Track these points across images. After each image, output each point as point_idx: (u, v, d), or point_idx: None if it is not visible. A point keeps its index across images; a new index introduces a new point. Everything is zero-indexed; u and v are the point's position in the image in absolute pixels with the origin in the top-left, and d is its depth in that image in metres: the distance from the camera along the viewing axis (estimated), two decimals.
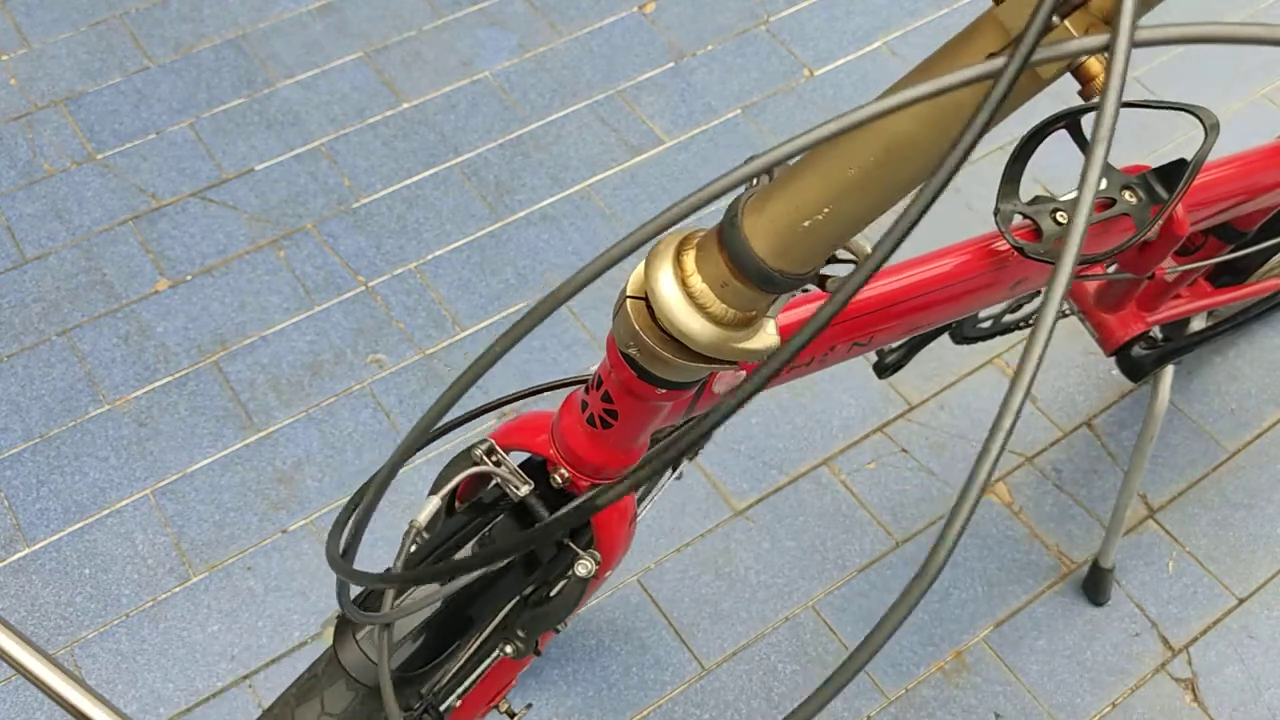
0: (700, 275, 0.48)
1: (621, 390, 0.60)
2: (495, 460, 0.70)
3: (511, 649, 0.78)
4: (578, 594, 0.74)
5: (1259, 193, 1.02)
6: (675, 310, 0.49)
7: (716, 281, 0.48)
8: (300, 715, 0.67)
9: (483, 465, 0.70)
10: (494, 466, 0.70)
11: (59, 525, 1.39)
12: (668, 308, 0.49)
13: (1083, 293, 1.20)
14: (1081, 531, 1.47)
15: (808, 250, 0.45)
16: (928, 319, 0.76)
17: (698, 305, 0.48)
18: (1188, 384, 1.60)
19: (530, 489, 0.70)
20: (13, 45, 1.82)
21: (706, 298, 0.48)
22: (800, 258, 0.46)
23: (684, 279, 0.49)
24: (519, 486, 0.69)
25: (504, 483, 0.70)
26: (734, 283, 0.47)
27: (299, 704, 0.68)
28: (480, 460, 0.70)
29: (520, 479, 0.70)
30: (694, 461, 1.47)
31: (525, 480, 0.70)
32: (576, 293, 0.38)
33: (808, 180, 0.44)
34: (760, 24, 1.96)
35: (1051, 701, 1.35)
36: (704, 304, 0.48)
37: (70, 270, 1.60)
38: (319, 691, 0.68)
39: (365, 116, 1.78)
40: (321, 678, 0.68)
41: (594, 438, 0.66)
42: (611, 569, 0.78)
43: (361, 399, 1.51)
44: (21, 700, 1.27)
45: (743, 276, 0.47)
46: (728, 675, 1.35)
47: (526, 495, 0.70)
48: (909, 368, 1.56)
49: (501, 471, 0.70)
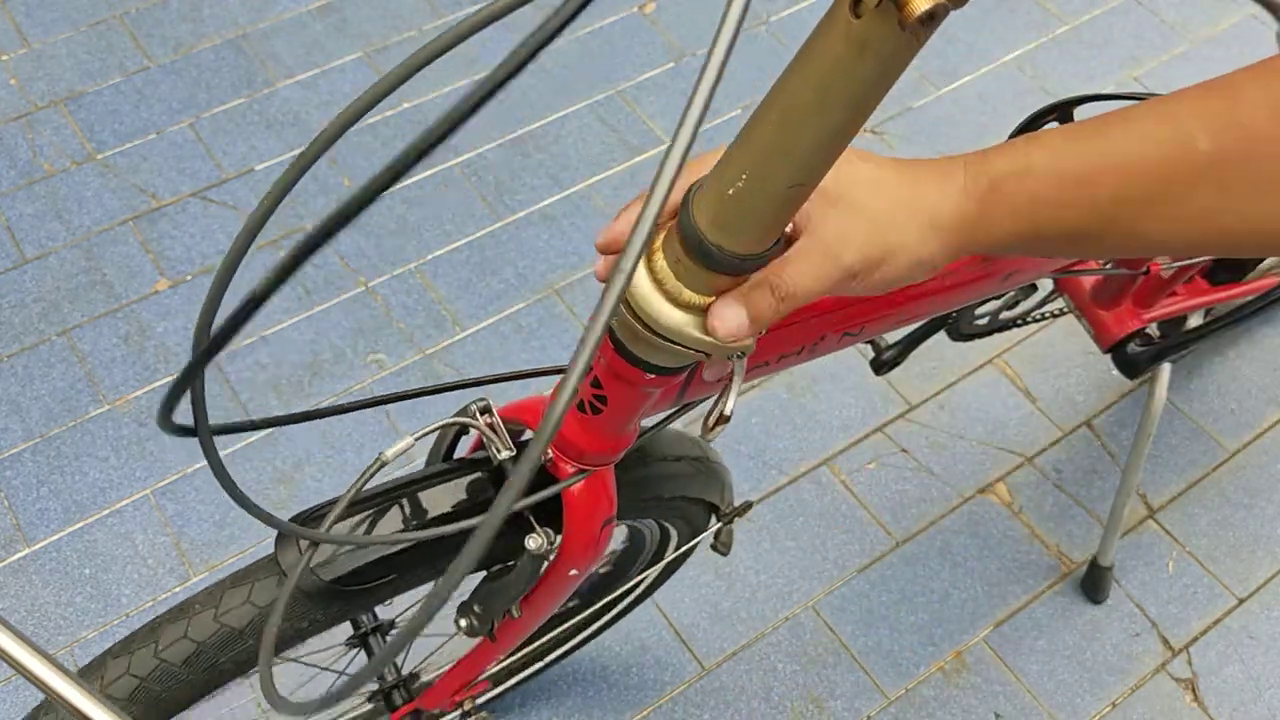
0: (663, 252, 0.50)
1: (610, 375, 0.60)
2: (487, 422, 0.71)
3: (466, 624, 0.79)
4: (530, 571, 0.73)
5: None
6: (639, 285, 0.50)
7: (673, 258, 0.49)
8: (228, 598, 0.70)
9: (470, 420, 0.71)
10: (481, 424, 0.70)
11: (59, 525, 1.39)
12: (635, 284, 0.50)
13: (1079, 289, 1.20)
14: (1081, 531, 1.47)
15: (739, 221, 0.46)
16: (919, 310, 0.76)
17: (657, 281, 0.50)
18: (1187, 384, 1.60)
19: (510, 455, 0.70)
20: (13, 45, 1.82)
21: (664, 274, 0.49)
22: (735, 230, 0.47)
23: (650, 254, 0.50)
24: (500, 450, 0.70)
25: (487, 442, 0.70)
26: (685, 259, 0.48)
27: (232, 586, 0.71)
28: (470, 415, 0.71)
29: (504, 444, 0.70)
30: None
31: (509, 446, 0.71)
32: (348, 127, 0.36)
33: (733, 147, 0.46)
34: (760, 24, 1.96)
35: (1051, 701, 1.35)
36: (662, 280, 0.50)
37: (70, 270, 1.60)
38: (251, 581, 0.71)
39: (365, 116, 1.78)
40: (259, 570, 0.71)
41: (583, 423, 0.66)
42: (581, 566, 0.77)
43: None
44: (21, 700, 1.27)
45: (689, 252, 0.48)
46: (728, 675, 1.35)
47: (505, 459, 0.70)
48: (909, 367, 1.56)
49: (485, 429, 0.70)
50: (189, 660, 0.69)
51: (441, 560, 0.73)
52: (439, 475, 0.74)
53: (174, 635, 0.70)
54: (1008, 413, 1.56)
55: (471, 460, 0.75)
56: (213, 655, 0.70)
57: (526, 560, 0.73)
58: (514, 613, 0.79)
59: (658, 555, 1.07)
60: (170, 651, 0.69)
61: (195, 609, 0.71)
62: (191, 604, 0.71)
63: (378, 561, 0.70)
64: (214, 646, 0.70)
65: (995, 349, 1.61)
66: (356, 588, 0.70)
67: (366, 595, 0.71)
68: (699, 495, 0.91)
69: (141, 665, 0.69)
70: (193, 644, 0.69)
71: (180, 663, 0.69)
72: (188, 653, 0.69)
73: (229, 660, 0.71)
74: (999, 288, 0.80)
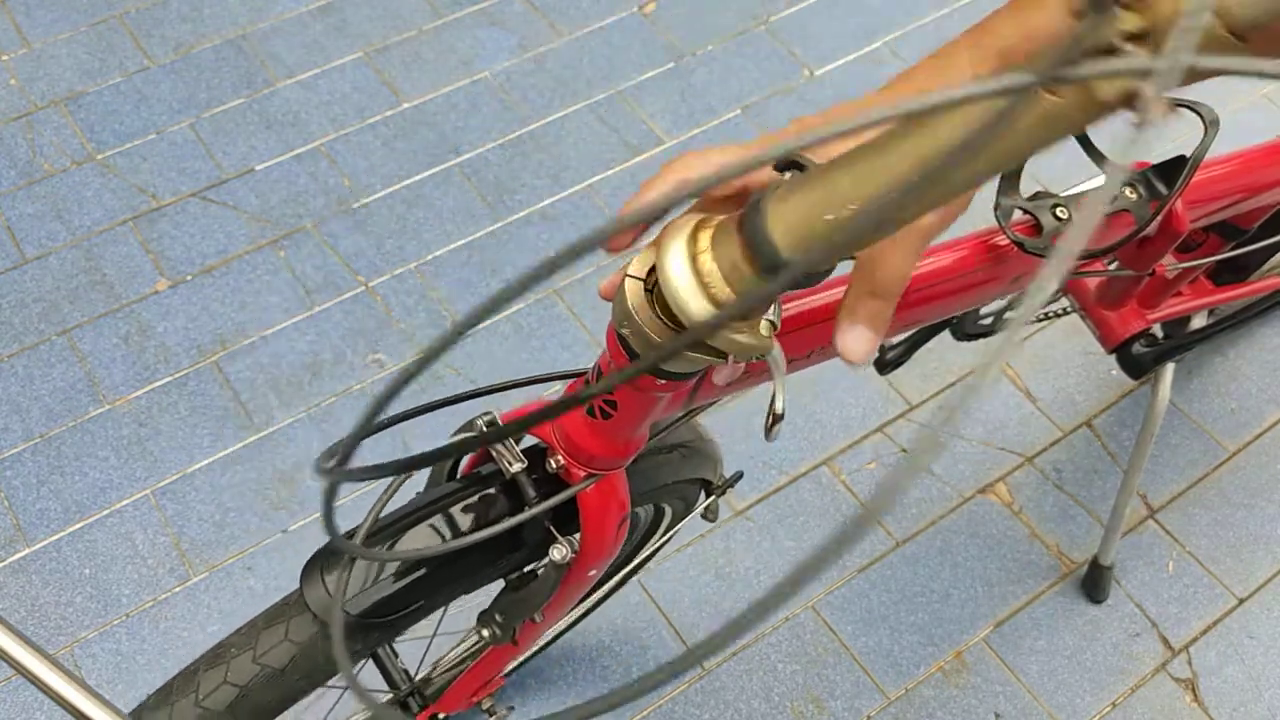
0: (712, 254, 0.47)
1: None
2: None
3: (489, 633, 0.79)
4: (553, 580, 0.74)
5: (1259, 190, 1.02)
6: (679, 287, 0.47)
7: (728, 263, 0.46)
8: (264, 638, 0.69)
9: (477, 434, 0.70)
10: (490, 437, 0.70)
11: (59, 525, 1.39)
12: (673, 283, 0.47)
13: (1084, 290, 1.20)
14: (1082, 532, 1.47)
15: (824, 246, 0.44)
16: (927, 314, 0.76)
17: (703, 284, 0.47)
18: (1188, 383, 1.60)
19: (522, 467, 0.70)
20: (13, 45, 1.82)
21: (714, 278, 0.47)
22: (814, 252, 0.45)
23: (695, 255, 0.47)
24: (511, 463, 0.70)
25: (497, 456, 0.70)
26: (744, 267, 0.46)
27: (266, 627, 0.70)
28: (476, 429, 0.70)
29: (514, 457, 0.70)
30: None
31: (519, 459, 0.70)
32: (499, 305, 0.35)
33: (838, 174, 0.43)
34: (760, 24, 1.96)
35: (1051, 701, 1.35)
36: (709, 284, 0.47)
37: (70, 270, 1.60)
38: (287, 619, 0.70)
39: (365, 116, 1.78)
40: (291, 607, 0.71)
41: (592, 427, 0.66)
42: (598, 566, 0.78)
43: (361, 399, 1.50)
44: (21, 700, 1.27)
45: (754, 261, 0.45)
46: (728, 675, 1.34)
47: (517, 473, 0.70)
48: (909, 367, 1.56)
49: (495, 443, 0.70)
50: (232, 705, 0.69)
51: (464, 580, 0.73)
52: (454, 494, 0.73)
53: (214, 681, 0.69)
54: (1008, 413, 1.56)
55: (483, 476, 0.75)
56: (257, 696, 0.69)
57: (550, 570, 0.73)
58: (536, 618, 0.79)
59: (651, 531, 1.08)
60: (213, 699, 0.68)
61: (232, 652, 0.70)
62: (226, 647, 0.70)
63: (404, 589, 0.69)
64: (258, 688, 0.69)
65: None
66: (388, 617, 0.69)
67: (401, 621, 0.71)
68: (692, 476, 0.92)
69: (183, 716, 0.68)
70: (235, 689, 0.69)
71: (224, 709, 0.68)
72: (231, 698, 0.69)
73: (274, 699, 0.70)
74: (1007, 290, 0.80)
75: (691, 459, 0.90)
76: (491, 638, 0.79)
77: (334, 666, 0.71)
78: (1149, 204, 0.80)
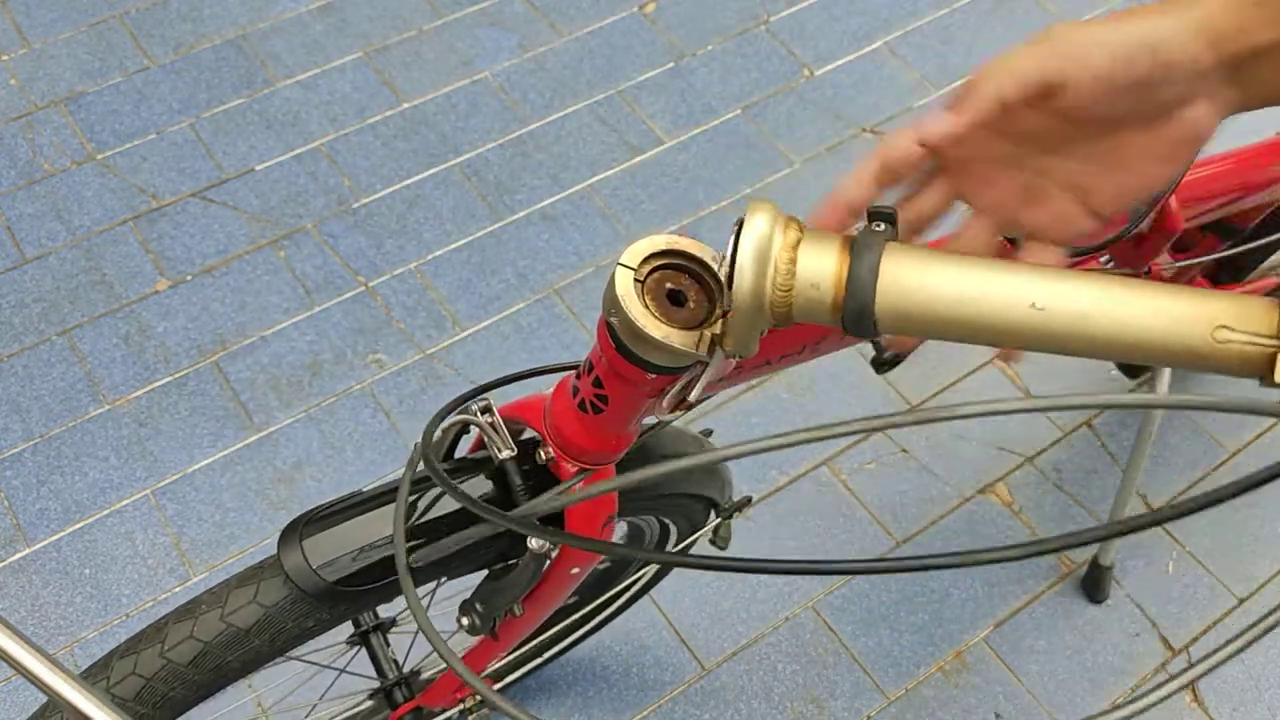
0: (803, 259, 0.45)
1: (611, 374, 0.60)
2: (489, 420, 0.70)
3: (468, 622, 0.79)
4: (531, 571, 0.74)
5: (1253, 189, 1.02)
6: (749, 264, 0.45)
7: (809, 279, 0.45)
8: (233, 598, 0.70)
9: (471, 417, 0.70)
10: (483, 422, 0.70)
11: (59, 525, 1.39)
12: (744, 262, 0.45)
13: None
14: None
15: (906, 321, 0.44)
16: None
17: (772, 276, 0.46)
18: (1188, 384, 1.60)
19: (511, 454, 0.70)
20: (13, 45, 1.82)
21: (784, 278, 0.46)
22: (895, 320, 0.45)
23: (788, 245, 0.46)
24: (500, 449, 0.70)
25: (488, 441, 0.70)
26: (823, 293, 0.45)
27: (238, 586, 0.71)
28: (471, 414, 0.71)
29: (505, 443, 0.70)
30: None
31: (509, 446, 0.70)
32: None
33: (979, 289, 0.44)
34: (760, 24, 1.96)
35: (1051, 701, 1.35)
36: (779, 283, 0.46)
37: (70, 270, 1.60)
38: (258, 580, 0.71)
39: (365, 116, 1.78)
40: (265, 570, 0.71)
41: (583, 422, 0.66)
42: (581, 565, 0.77)
43: (361, 399, 1.51)
44: (21, 700, 1.27)
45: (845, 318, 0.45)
46: (728, 675, 1.35)
47: (505, 459, 0.70)
48: (909, 366, 1.56)
49: (486, 427, 0.70)
50: (195, 660, 0.70)
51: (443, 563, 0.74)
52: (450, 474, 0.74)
53: (180, 635, 0.70)
54: None
55: (474, 460, 0.75)
56: (219, 655, 0.70)
57: (529, 559, 0.73)
58: (516, 611, 0.79)
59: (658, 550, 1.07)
60: (177, 651, 0.70)
61: (201, 609, 0.71)
62: (198, 603, 0.71)
63: (381, 561, 0.70)
64: (220, 646, 0.70)
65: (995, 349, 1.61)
66: (360, 588, 0.70)
67: (370, 595, 0.71)
68: (699, 492, 0.91)
69: (148, 665, 0.69)
70: (199, 644, 0.70)
71: (187, 663, 0.70)
72: (194, 653, 0.70)
73: (236, 659, 0.71)
74: None
75: (699, 473, 0.89)
76: (471, 627, 0.79)
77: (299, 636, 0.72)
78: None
